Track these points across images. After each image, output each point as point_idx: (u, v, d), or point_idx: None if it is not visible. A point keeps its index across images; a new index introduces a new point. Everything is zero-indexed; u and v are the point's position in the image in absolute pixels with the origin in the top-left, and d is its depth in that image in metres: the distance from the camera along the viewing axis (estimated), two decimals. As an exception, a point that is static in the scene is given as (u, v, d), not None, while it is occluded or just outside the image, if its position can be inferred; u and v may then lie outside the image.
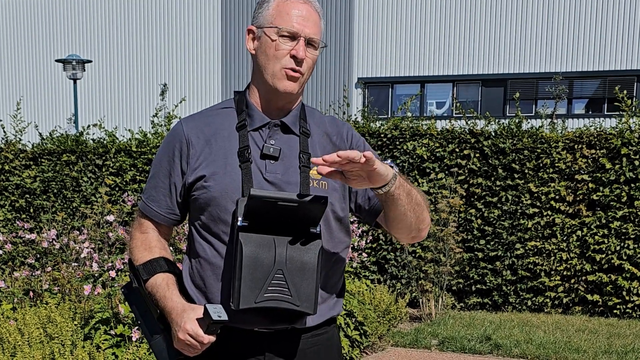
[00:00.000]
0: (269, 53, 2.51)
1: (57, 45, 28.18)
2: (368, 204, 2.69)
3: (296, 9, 2.51)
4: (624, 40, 22.83)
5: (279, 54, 2.50)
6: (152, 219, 2.69)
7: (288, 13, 2.50)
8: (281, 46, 2.49)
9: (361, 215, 2.73)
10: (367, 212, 2.70)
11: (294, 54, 2.49)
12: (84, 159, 12.48)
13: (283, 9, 2.51)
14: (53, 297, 7.00)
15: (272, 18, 2.51)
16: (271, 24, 2.51)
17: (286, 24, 2.49)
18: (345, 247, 2.70)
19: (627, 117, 10.36)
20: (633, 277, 10.25)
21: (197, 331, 2.40)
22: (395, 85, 25.15)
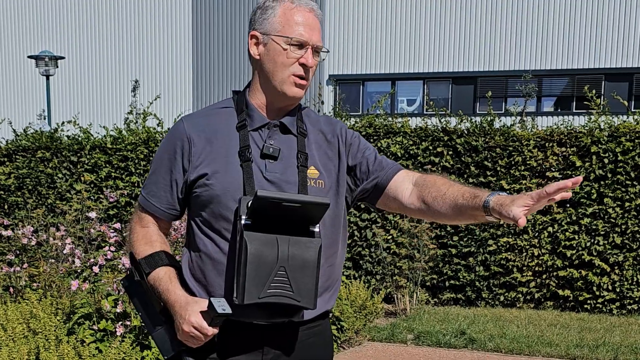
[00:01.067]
0: (278, 60, 2.61)
1: (30, 42, 28.04)
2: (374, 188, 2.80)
3: (303, 18, 2.61)
4: (592, 40, 23.13)
5: (288, 62, 2.60)
6: (153, 214, 2.77)
7: (296, 22, 2.60)
8: (291, 54, 2.60)
9: (367, 198, 2.85)
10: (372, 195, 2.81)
11: (303, 62, 2.60)
12: (58, 156, 12.51)
13: (290, 17, 2.61)
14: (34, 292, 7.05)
15: (280, 26, 2.61)
16: (280, 33, 2.60)
17: (295, 33, 2.59)
18: (341, 242, 2.80)
19: (597, 116, 10.56)
20: (603, 273, 10.45)
21: (201, 323, 2.50)
22: (366, 83, 25.29)
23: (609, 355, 8.15)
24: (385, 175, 2.78)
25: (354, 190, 2.82)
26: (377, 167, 2.79)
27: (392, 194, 2.77)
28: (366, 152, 2.81)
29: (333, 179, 2.73)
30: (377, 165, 2.80)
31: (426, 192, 2.68)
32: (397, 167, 2.82)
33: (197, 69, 26.85)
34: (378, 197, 2.82)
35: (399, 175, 2.78)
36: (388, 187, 2.77)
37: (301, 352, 2.72)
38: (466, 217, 2.60)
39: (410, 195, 2.72)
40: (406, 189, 2.74)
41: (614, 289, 10.45)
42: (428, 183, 2.70)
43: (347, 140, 2.81)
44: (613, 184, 10.27)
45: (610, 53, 23.05)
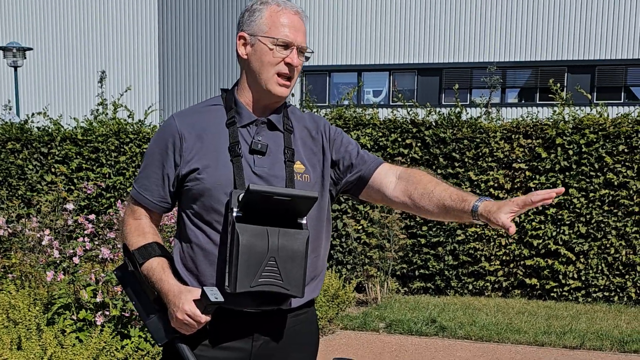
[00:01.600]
0: (264, 60, 2.74)
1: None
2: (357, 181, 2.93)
3: (288, 20, 2.74)
4: (555, 32, 23.42)
5: (274, 61, 2.73)
6: (145, 207, 2.87)
7: (282, 23, 2.73)
8: (277, 54, 2.72)
9: (351, 191, 2.98)
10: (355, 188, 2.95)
11: (288, 62, 2.73)
12: (29, 147, 12.52)
13: (276, 19, 2.74)
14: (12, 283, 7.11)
15: (267, 27, 2.73)
16: (266, 34, 2.72)
17: (281, 34, 2.72)
18: (325, 233, 2.94)
19: (561, 108, 10.78)
20: (569, 262, 10.68)
21: (194, 311, 2.62)
22: (332, 74, 25.41)
23: (576, 342, 8.37)
24: (368, 168, 2.91)
25: (338, 184, 2.94)
26: (360, 161, 2.93)
27: (376, 185, 2.90)
28: (349, 147, 2.95)
29: (318, 174, 2.86)
30: (359, 159, 2.93)
31: (412, 188, 2.82)
32: (380, 161, 2.97)
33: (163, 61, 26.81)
34: (361, 189, 2.95)
35: (382, 168, 2.92)
36: (372, 179, 2.91)
37: (289, 338, 2.85)
38: (451, 217, 2.75)
39: (395, 188, 2.86)
40: (390, 182, 2.88)
41: (580, 277, 10.69)
42: (413, 178, 2.84)
43: (330, 136, 2.94)
44: (578, 175, 10.50)
45: (572, 45, 23.37)
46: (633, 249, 10.48)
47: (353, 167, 2.92)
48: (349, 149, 2.94)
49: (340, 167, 2.93)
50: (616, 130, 10.36)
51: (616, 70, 23.32)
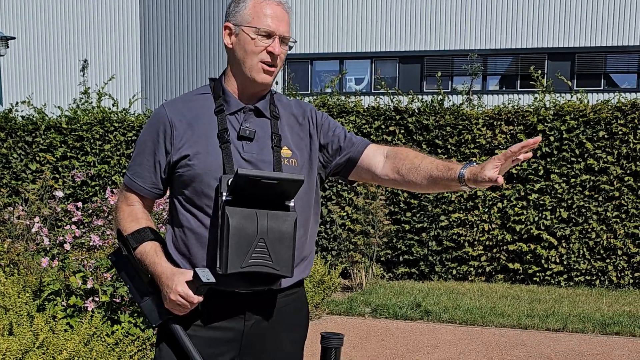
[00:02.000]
0: (247, 49, 2.82)
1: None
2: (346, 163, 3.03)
3: (271, 10, 2.83)
4: (535, 19, 23.54)
5: (257, 50, 2.82)
6: (138, 193, 2.95)
7: (265, 14, 2.82)
8: (259, 43, 2.81)
9: (340, 174, 3.08)
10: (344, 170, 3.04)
11: (270, 50, 2.81)
12: (13, 136, 12.55)
13: (259, 10, 2.82)
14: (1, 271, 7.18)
15: (250, 18, 2.82)
16: (249, 24, 2.81)
17: (263, 24, 2.80)
18: (313, 216, 3.03)
19: (542, 95, 10.91)
20: (551, 246, 10.84)
21: (187, 292, 2.71)
22: (314, 62, 25.46)
23: (559, 324, 8.52)
24: (356, 150, 3.01)
25: (327, 167, 3.04)
26: (348, 144, 3.02)
27: (365, 166, 3.00)
28: (336, 131, 3.04)
29: (305, 158, 2.95)
30: (347, 142, 3.03)
31: (400, 164, 2.91)
32: (367, 142, 3.06)
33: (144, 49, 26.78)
34: (351, 170, 3.04)
35: (369, 149, 3.02)
36: (360, 159, 3.00)
37: (280, 317, 2.94)
38: (440, 187, 2.85)
39: (384, 167, 2.96)
40: (379, 161, 2.98)
41: (562, 261, 10.85)
42: (400, 155, 2.94)
43: (317, 121, 3.03)
44: (559, 161, 10.65)
45: (552, 32, 23.51)
46: (614, 234, 10.64)
47: (342, 150, 3.02)
48: (337, 133, 3.04)
49: (329, 150, 3.02)
50: (596, 116, 10.51)
51: (596, 57, 23.47)
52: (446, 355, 7.36)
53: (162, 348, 2.91)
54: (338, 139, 3.02)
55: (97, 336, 5.71)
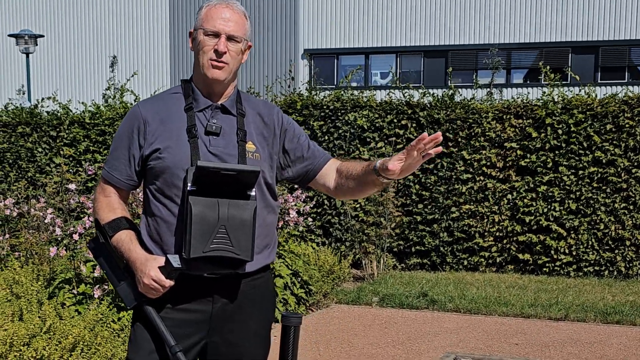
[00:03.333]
0: (199, 48, 3.10)
1: (10, 21, 28.36)
2: (306, 172, 3.30)
3: (219, 13, 3.09)
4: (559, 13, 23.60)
5: (205, 49, 3.08)
6: (114, 185, 3.21)
7: (212, 17, 3.08)
8: (207, 42, 3.07)
9: (298, 181, 3.36)
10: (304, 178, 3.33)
11: (215, 48, 3.07)
12: (38, 131, 12.91)
13: (209, 14, 3.10)
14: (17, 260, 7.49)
15: (202, 22, 3.10)
16: (201, 27, 3.09)
17: (210, 25, 3.07)
18: (274, 208, 3.28)
19: (551, 90, 11.09)
20: (560, 237, 11.01)
21: (159, 277, 2.96)
22: (340, 56, 25.70)
23: (561, 313, 8.70)
24: (318, 163, 3.30)
25: (285, 169, 3.31)
26: (310, 155, 3.31)
27: (321, 181, 3.31)
28: (301, 139, 3.31)
29: (267, 154, 3.20)
30: (310, 153, 3.31)
31: (339, 177, 3.25)
32: (328, 156, 3.35)
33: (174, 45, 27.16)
34: (308, 182, 3.35)
35: (328, 165, 3.32)
36: (319, 174, 3.31)
37: (246, 300, 3.17)
38: (368, 185, 3.12)
39: (334, 182, 3.29)
40: (332, 178, 3.30)
41: (571, 252, 11.02)
42: (342, 168, 3.26)
43: (283, 124, 3.29)
44: (567, 154, 10.82)
45: (576, 26, 23.56)
46: (622, 225, 10.79)
47: (304, 159, 3.30)
48: (301, 141, 3.31)
49: (291, 156, 3.29)
50: (604, 110, 10.67)
51: (620, 50, 23.48)
52: (446, 342, 7.57)
53: (137, 328, 3.14)
54: (301, 148, 3.29)
55: (103, 322, 5.99)
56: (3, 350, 4.98)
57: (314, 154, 3.31)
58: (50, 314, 5.56)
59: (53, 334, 5.34)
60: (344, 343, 7.50)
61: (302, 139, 3.31)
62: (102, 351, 5.41)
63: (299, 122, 11.83)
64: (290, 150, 3.28)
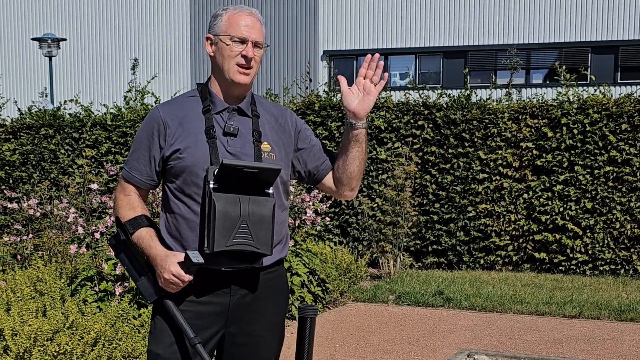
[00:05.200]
0: (225, 54, 3.22)
1: (33, 25, 28.74)
2: (316, 171, 3.46)
3: (244, 20, 3.23)
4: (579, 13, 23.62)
5: (232, 54, 3.21)
6: (135, 184, 3.35)
7: (238, 24, 3.22)
8: (234, 49, 3.21)
9: (308, 179, 3.51)
10: (314, 177, 3.48)
11: (244, 54, 3.21)
12: (61, 133, 13.12)
13: (234, 20, 3.23)
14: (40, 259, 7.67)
15: (226, 28, 3.23)
16: (226, 33, 3.22)
17: (237, 32, 3.21)
18: (286, 206, 3.44)
19: (566, 90, 11.20)
20: (576, 236, 11.10)
21: (179, 272, 3.09)
22: (359, 58, 25.73)
23: (575, 311, 8.78)
24: (327, 166, 3.47)
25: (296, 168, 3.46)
26: (321, 156, 3.48)
27: (328, 183, 3.49)
28: (312, 140, 3.48)
29: (282, 153, 3.35)
30: (320, 154, 3.48)
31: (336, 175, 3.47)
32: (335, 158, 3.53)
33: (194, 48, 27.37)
34: (317, 183, 3.52)
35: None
36: (327, 177, 3.48)
37: (262, 292, 3.32)
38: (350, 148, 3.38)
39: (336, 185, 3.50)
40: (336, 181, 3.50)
41: (587, 251, 11.11)
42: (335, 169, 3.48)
43: (296, 126, 3.45)
44: (583, 153, 10.91)
45: (596, 26, 23.57)
46: (637, 223, 10.88)
47: (315, 160, 3.46)
48: (313, 142, 3.47)
49: (304, 156, 3.45)
50: (619, 110, 10.76)
51: (640, 50, 23.51)
52: (460, 339, 7.69)
53: (157, 321, 3.28)
54: (313, 148, 3.46)
55: (123, 318, 6.14)
56: (28, 344, 5.13)
57: (324, 156, 3.47)
58: (73, 310, 5.69)
59: (75, 329, 5.47)
60: (360, 340, 7.63)
61: (313, 140, 3.47)
62: (123, 346, 5.55)
63: (317, 123, 11.98)
64: (302, 149, 3.43)
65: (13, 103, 14.59)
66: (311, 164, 3.45)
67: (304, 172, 3.47)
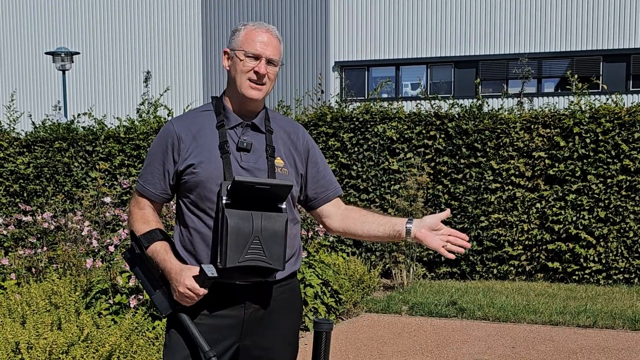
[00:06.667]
0: (238, 69, 3.25)
1: (47, 39, 28.96)
2: (314, 198, 3.51)
3: (260, 37, 3.25)
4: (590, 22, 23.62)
5: (245, 69, 3.24)
6: (149, 198, 3.38)
7: (253, 40, 3.24)
8: (247, 64, 3.24)
9: (304, 203, 3.54)
10: (309, 204, 3.52)
11: (256, 70, 3.23)
12: (74, 146, 13.20)
13: (250, 36, 3.25)
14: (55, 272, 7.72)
15: (241, 43, 3.25)
16: (241, 48, 3.25)
17: (251, 48, 3.23)
18: (298, 218, 3.47)
19: (578, 99, 11.20)
20: (589, 245, 11.07)
21: (194, 285, 3.11)
22: (370, 68, 25.86)
23: (589, 321, 8.75)
24: (327, 195, 3.52)
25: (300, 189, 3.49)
26: (324, 183, 3.52)
27: (325, 212, 3.53)
28: (319, 165, 3.51)
29: (294, 169, 3.38)
30: (324, 181, 3.52)
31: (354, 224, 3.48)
32: (337, 192, 3.56)
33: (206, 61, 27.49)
34: (313, 209, 3.56)
35: (335, 201, 3.55)
36: (324, 206, 3.53)
37: (276, 305, 3.34)
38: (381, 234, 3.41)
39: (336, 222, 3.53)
40: (334, 215, 3.53)
41: (600, 260, 11.08)
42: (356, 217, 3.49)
43: (307, 143, 3.48)
44: (595, 162, 10.90)
45: (607, 34, 23.56)
46: (651, 232, 10.86)
47: (317, 185, 3.50)
48: (319, 167, 3.51)
49: (307, 177, 3.48)
50: (631, 118, 10.75)
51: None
52: (474, 349, 7.69)
53: (172, 334, 3.30)
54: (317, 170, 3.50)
55: (138, 331, 6.17)
56: (43, 358, 5.16)
57: (327, 183, 3.51)
58: (88, 323, 5.72)
59: (90, 342, 5.50)
60: (373, 351, 7.64)
61: (320, 165, 3.51)
62: (138, 359, 5.58)
63: (329, 134, 12.02)
64: (308, 173, 3.46)
65: (27, 117, 14.67)
66: (311, 189, 3.48)
67: (302, 194, 3.49)
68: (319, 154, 3.53)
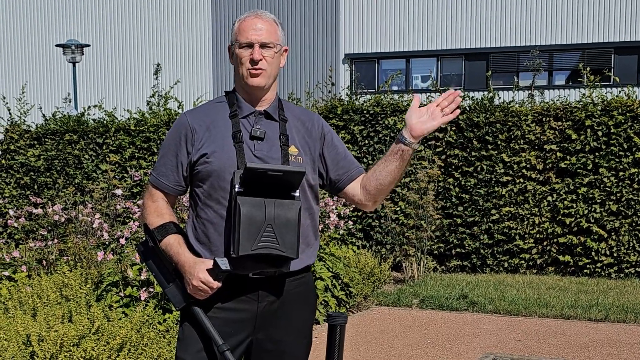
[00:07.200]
0: (237, 61, 3.28)
1: (57, 31, 28.99)
2: (338, 180, 3.45)
3: (250, 24, 3.25)
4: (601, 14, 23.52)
5: (242, 60, 3.25)
6: (162, 190, 3.37)
7: (245, 29, 3.25)
8: (243, 54, 3.24)
9: (330, 187, 3.50)
10: (335, 185, 3.47)
11: (251, 57, 3.23)
12: (85, 138, 13.20)
13: (241, 27, 3.27)
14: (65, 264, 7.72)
15: (236, 36, 3.27)
16: (236, 41, 3.27)
17: (243, 37, 3.24)
18: (315, 209, 3.43)
19: (590, 91, 11.14)
20: (601, 239, 11.03)
21: (208, 279, 3.11)
22: (381, 61, 25.80)
23: (601, 315, 8.72)
24: (350, 175, 3.46)
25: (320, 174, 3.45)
26: (345, 164, 3.47)
27: (350, 192, 3.46)
28: (339, 148, 3.48)
29: (309, 157, 3.35)
30: (345, 162, 3.47)
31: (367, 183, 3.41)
32: (360, 170, 3.50)
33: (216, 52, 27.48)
34: (338, 191, 3.50)
35: (360, 178, 3.47)
36: (349, 186, 3.46)
37: (289, 298, 3.32)
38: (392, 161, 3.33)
39: (362, 195, 3.44)
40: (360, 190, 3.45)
41: (612, 253, 11.03)
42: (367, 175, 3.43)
43: (323, 130, 3.45)
44: (607, 155, 10.85)
45: (619, 27, 23.46)
46: (664, 226, 10.81)
47: (339, 167, 3.45)
48: (339, 150, 3.47)
49: (328, 162, 3.44)
50: (644, 111, 10.71)
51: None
52: (485, 343, 7.66)
53: (185, 328, 3.29)
54: (337, 155, 3.46)
55: (149, 324, 6.16)
56: (54, 350, 5.16)
57: (349, 164, 3.46)
58: (99, 316, 5.71)
59: (101, 334, 5.49)
60: (384, 344, 7.62)
61: (339, 147, 3.47)
62: (149, 352, 5.56)
63: (339, 126, 11.99)
64: (327, 156, 3.42)
65: (38, 109, 14.67)
66: (333, 172, 3.44)
67: (326, 179, 3.46)
68: (337, 138, 3.50)
